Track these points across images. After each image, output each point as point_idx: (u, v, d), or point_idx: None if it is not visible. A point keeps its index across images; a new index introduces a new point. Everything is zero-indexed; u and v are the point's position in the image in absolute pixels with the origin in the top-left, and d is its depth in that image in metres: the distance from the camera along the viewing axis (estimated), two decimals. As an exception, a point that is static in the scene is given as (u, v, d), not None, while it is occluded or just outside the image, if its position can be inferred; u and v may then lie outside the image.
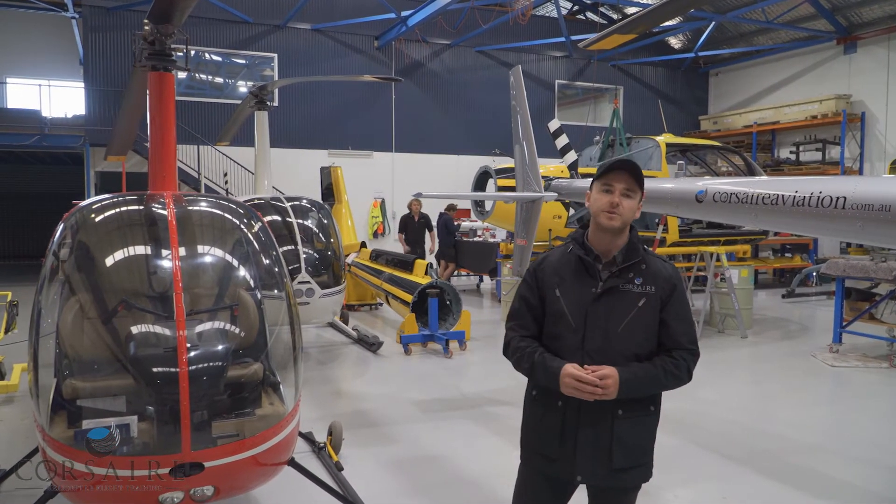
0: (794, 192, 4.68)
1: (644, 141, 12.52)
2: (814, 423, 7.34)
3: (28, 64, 22.08)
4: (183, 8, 4.61)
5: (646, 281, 2.94)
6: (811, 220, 4.56)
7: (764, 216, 4.93)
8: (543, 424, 3.01)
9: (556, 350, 2.96)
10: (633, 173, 2.93)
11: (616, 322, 2.90)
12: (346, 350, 10.80)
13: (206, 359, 3.83)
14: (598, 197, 2.94)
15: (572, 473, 2.94)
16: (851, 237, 4.53)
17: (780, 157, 21.81)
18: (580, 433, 2.91)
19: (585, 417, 2.90)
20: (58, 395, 3.90)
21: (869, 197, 4.19)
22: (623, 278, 2.93)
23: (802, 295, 17.02)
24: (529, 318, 3.06)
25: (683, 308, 3.00)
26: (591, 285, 2.94)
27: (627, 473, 2.95)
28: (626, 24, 5.89)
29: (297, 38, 19.65)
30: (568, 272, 3.00)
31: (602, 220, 2.91)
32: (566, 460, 2.94)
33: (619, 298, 2.92)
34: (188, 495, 3.58)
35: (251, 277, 4.63)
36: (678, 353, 2.93)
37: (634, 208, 2.94)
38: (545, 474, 3.07)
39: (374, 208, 20.61)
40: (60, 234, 4.25)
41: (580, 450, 2.91)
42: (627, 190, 2.91)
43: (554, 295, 2.99)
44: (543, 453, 3.03)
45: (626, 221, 2.92)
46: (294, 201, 9.56)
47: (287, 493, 5.20)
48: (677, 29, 22.55)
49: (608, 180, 2.93)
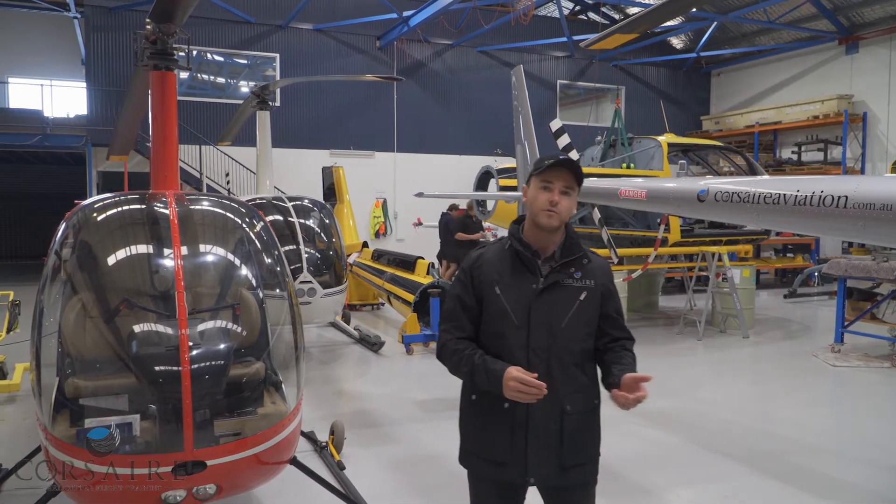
0: (795, 191, 4.68)
1: (646, 141, 12.51)
2: (815, 423, 7.34)
3: (30, 64, 22.10)
4: (185, 7, 4.61)
5: (585, 275, 2.91)
6: (813, 220, 4.56)
7: (766, 216, 4.92)
8: (490, 429, 2.94)
9: (499, 349, 2.87)
10: (573, 171, 2.88)
11: (559, 317, 2.87)
12: (347, 350, 10.80)
13: (208, 357, 3.84)
14: (537, 194, 2.88)
15: (524, 475, 2.88)
16: (853, 236, 4.53)
17: (781, 157, 21.78)
18: (530, 434, 2.85)
19: (535, 417, 2.84)
20: (60, 394, 3.91)
21: (870, 196, 4.19)
22: (564, 273, 2.90)
23: (804, 295, 17.01)
24: (465, 319, 2.96)
25: (618, 300, 3.06)
26: (532, 281, 2.88)
27: (578, 470, 2.93)
28: (628, 24, 5.89)
29: (299, 38, 19.65)
30: (506, 269, 2.92)
31: (541, 219, 2.86)
32: (517, 463, 2.87)
33: (560, 293, 2.88)
34: (190, 494, 3.59)
35: (253, 277, 4.64)
36: (629, 344, 2.98)
37: (573, 206, 2.91)
38: (495, 480, 2.99)
39: (375, 208, 20.61)
40: (62, 234, 4.26)
41: (531, 450, 2.85)
42: (567, 188, 2.86)
43: (493, 293, 2.91)
44: (492, 459, 2.94)
45: (564, 220, 2.88)
46: (296, 201, 9.58)
47: (290, 492, 5.20)
48: (679, 29, 22.53)
49: (548, 177, 2.86)
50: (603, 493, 5.25)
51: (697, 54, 23.13)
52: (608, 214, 12.44)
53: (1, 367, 8.28)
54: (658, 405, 7.81)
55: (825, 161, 20.39)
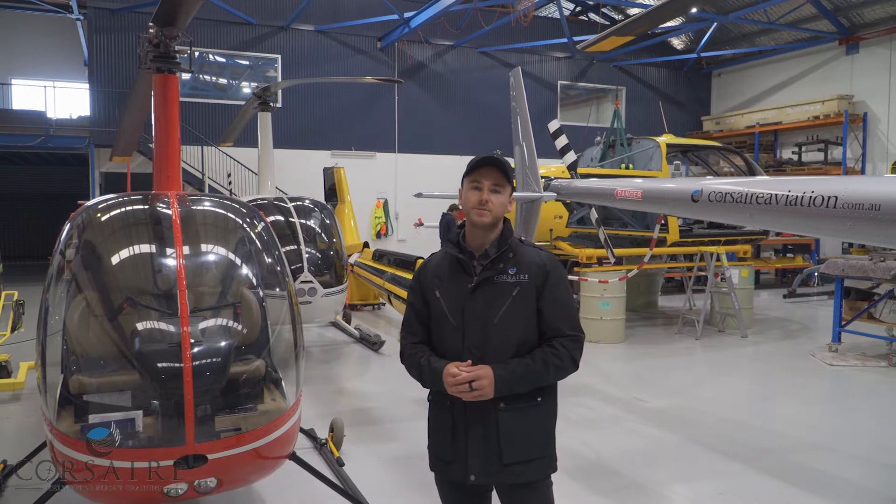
0: (787, 191, 4.75)
1: (645, 141, 12.59)
2: (812, 422, 7.41)
3: (33, 65, 22.21)
4: (187, 11, 4.70)
5: (519, 270, 2.93)
6: (804, 220, 4.63)
7: (758, 215, 5.00)
8: (438, 428, 3.03)
9: (442, 351, 2.98)
10: (500, 169, 2.94)
11: (492, 314, 2.91)
12: (348, 349, 10.89)
13: (209, 354, 3.92)
14: (468, 194, 2.96)
15: (465, 473, 2.92)
16: (842, 236, 4.60)
17: (782, 157, 21.84)
18: (469, 431, 2.90)
19: (472, 415, 2.90)
20: (65, 390, 4.00)
21: (859, 196, 4.26)
22: (495, 270, 2.93)
23: (804, 295, 17.06)
24: (417, 324, 3.07)
25: (560, 293, 2.98)
26: (467, 281, 2.95)
27: (521, 468, 2.92)
28: (624, 27, 5.97)
29: (301, 39, 19.74)
30: (445, 272, 3.02)
31: (473, 217, 2.94)
32: (459, 461, 2.93)
33: (493, 290, 2.92)
34: (192, 487, 3.67)
35: (254, 276, 4.72)
36: (558, 342, 2.92)
37: (505, 203, 2.96)
38: (447, 479, 3.06)
39: (377, 209, 20.69)
40: (67, 234, 4.35)
41: (471, 448, 2.90)
42: (496, 185, 2.92)
43: (434, 296, 3.01)
44: (441, 457, 3.02)
45: (497, 216, 2.95)
46: (297, 202, 9.67)
47: (290, 488, 5.29)
48: (680, 30, 22.59)
49: (476, 177, 2.94)
50: (598, 489, 5.41)
51: (698, 55, 23.19)
52: (608, 215, 12.54)
53: (6, 366, 8.36)
54: (657, 404, 7.91)
55: (826, 161, 20.44)
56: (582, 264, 11.37)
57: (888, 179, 4.32)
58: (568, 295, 3.03)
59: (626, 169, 12.26)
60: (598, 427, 6.98)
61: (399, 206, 20.62)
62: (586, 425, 7.06)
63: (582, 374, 3.19)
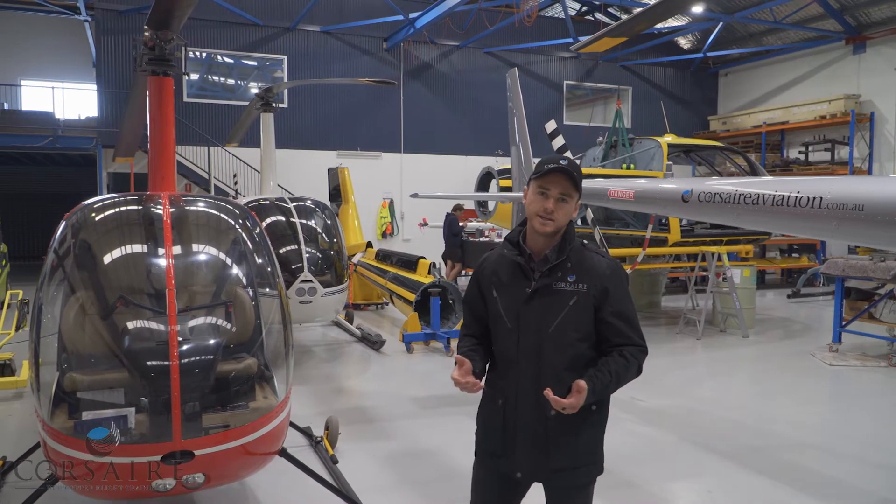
0: (773, 192, 4.78)
1: (646, 141, 12.60)
2: (808, 421, 7.39)
3: (42, 66, 22.41)
4: (180, 15, 4.78)
5: (579, 278, 2.87)
6: (789, 220, 4.66)
7: (745, 215, 5.02)
8: (488, 422, 3.05)
9: (498, 350, 2.99)
10: (570, 178, 2.86)
11: (548, 322, 2.86)
12: (349, 348, 10.96)
13: (196, 352, 3.99)
14: (534, 199, 2.89)
15: (513, 469, 2.95)
16: (828, 236, 4.62)
17: (789, 157, 21.79)
18: (519, 434, 2.92)
19: (521, 416, 2.91)
20: (57, 388, 4.07)
21: (843, 197, 4.29)
22: (554, 277, 2.88)
23: (808, 295, 17.01)
24: (471, 318, 3.09)
25: (623, 304, 2.91)
26: (525, 286, 2.90)
27: (569, 473, 2.93)
28: (617, 28, 6.01)
29: (306, 40, 19.85)
30: (505, 273, 2.98)
31: (536, 225, 2.88)
32: (508, 456, 2.95)
33: (551, 298, 2.87)
34: (180, 482, 3.74)
35: (243, 275, 4.80)
36: (628, 351, 2.86)
37: (570, 212, 2.89)
38: (495, 470, 3.07)
39: (382, 209, 20.78)
40: (61, 233, 4.44)
41: (519, 449, 2.92)
42: (563, 195, 2.85)
43: (492, 296, 2.98)
44: (490, 450, 3.04)
45: (560, 226, 2.88)
46: (298, 202, 9.75)
47: (283, 485, 5.35)
48: (686, 29, 22.57)
49: (545, 183, 2.86)
50: (587, 486, 5.42)
51: (704, 54, 23.15)
52: (609, 215, 12.55)
53: (9, 364, 8.48)
54: (653, 403, 7.93)
55: (832, 161, 20.37)
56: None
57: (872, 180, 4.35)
58: (630, 305, 2.95)
59: (627, 169, 12.27)
60: (592, 426, 7.00)
61: (404, 207, 20.69)
62: None
63: None
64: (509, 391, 2.94)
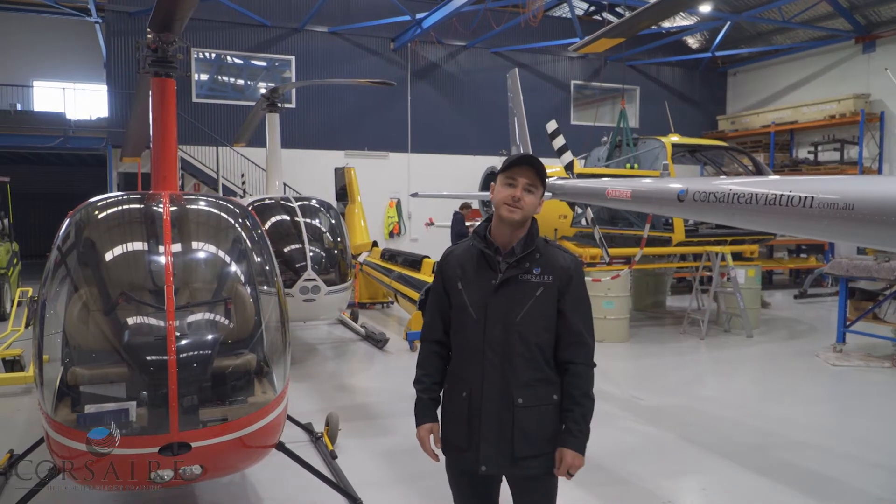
0: (766, 191, 4.82)
1: (650, 141, 12.63)
2: (807, 421, 7.40)
3: (54, 67, 22.66)
4: (181, 17, 4.87)
5: (544, 271, 2.98)
6: (781, 219, 4.70)
7: (739, 215, 5.07)
8: (452, 414, 3.08)
9: (461, 342, 3.07)
10: (536, 169, 2.99)
11: (514, 312, 2.95)
12: (353, 346, 11.06)
13: (193, 347, 4.08)
14: (501, 189, 2.98)
15: (476, 463, 2.98)
16: (818, 235, 4.66)
17: (798, 157, 21.70)
18: (484, 424, 2.96)
19: (487, 407, 2.96)
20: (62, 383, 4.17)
21: (834, 196, 4.33)
22: (521, 269, 2.98)
23: (815, 296, 16.96)
24: (437, 316, 3.16)
25: (580, 297, 3.05)
26: (492, 277, 2.99)
27: (531, 461, 2.98)
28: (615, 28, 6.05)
29: (314, 40, 19.96)
30: (470, 265, 3.06)
31: (503, 213, 2.97)
32: (472, 450, 2.99)
33: (517, 289, 2.97)
34: (177, 473, 3.83)
35: (242, 273, 4.89)
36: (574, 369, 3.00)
37: (536, 203, 3.00)
38: (459, 467, 3.13)
39: (389, 208, 20.87)
40: (64, 231, 4.54)
41: (483, 439, 2.96)
42: (530, 185, 2.97)
43: (456, 288, 3.06)
44: (453, 443, 3.08)
45: (527, 215, 2.99)
46: (302, 201, 9.84)
47: (282, 480, 5.44)
48: (694, 29, 22.54)
49: (512, 174, 2.98)
50: (582, 483, 5.50)
51: (713, 54, 23.08)
52: (614, 215, 12.59)
53: (19, 360, 8.63)
54: (653, 402, 7.98)
55: (842, 161, 20.27)
56: (586, 264, 11.43)
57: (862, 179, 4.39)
58: (587, 299, 3.10)
59: (630, 169, 12.30)
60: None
61: (412, 206, 20.76)
62: None
63: None
64: (474, 382, 3.00)
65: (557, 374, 3.04)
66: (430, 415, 3.15)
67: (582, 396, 3.00)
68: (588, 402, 3.01)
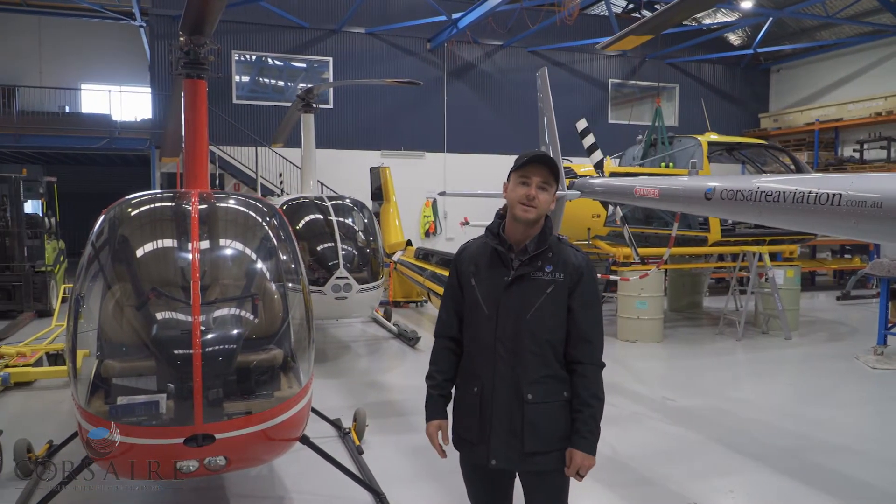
0: (794, 189, 4.75)
1: (686, 140, 12.47)
2: (843, 424, 7.25)
3: (101, 71, 23.26)
4: (211, 20, 5.00)
5: (556, 268, 3.01)
6: (809, 217, 4.63)
7: (767, 213, 4.99)
8: (463, 408, 3.12)
9: (472, 337, 3.11)
10: (549, 167, 3.01)
11: (526, 309, 2.98)
12: (386, 344, 11.16)
13: (217, 342, 4.19)
14: (515, 188, 3.02)
15: (487, 457, 3.02)
16: (847, 233, 4.56)
17: (843, 155, 21.17)
18: (494, 418, 3.00)
19: (499, 403, 3.00)
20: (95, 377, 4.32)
21: (862, 193, 4.25)
22: (533, 266, 3.01)
23: (859, 297, 16.54)
24: (452, 312, 3.20)
25: (590, 295, 3.06)
26: (504, 274, 3.03)
27: (541, 457, 3.01)
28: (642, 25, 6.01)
29: (352, 41, 20.14)
30: (483, 262, 3.11)
31: (517, 212, 3.00)
32: (482, 444, 3.03)
33: (529, 286, 3.00)
34: (202, 464, 3.94)
35: (267, 269, 4.99)
36: (581, 369, 3.02)
37: (549, 201, 3.02)
38: (471, 461, 3.16)
39: (426, 208, 20.94)
40: (98, 227, 4.70)
41: (494, 434, 3.00)
42: (543, 183, 2.99)
43: (470, 284, 3.11)
44: (464, 437, 3.12)
45: (541, 214, 3.02)
46: (336, 200, 9.97)
47: (309, 474, 5.54)
48: (735, 25, 22.16)
49: (526, 173, 3.00)
50: (607, 482, 5.49)
51: (755, 50, 22.65)
52: (648, 214, 12.47)
53: (62, 355, 8.91)
54: (684, 403, 7.89)
55: (888, 159, 19.71)
56: (619, 263, 11.35)
57: (890, 177, 4.29)
58: (597, 298, 3.12)
59: (666, 168, 12.16)
60: (618, 424, 6.97)
61: (447, 206, 20.82)
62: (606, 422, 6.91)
63: (611, 372, 3.31)
64: (486, 377, 3.04)
65: (568, 372, 3.07)
66: (440, 411, 3.20)
67: (591, 397, 3.02)
68: (597, 403, 3.03)
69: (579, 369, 3.03)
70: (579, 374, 3.03)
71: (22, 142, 18.58)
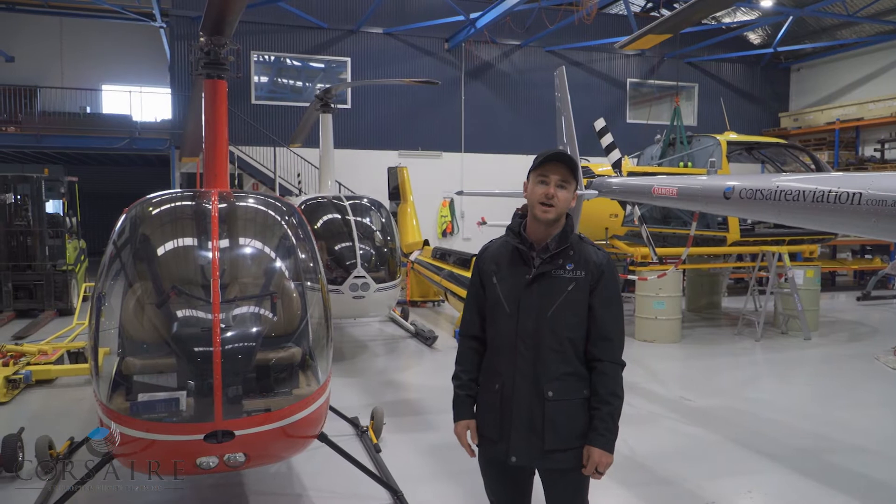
0: (814, 188, 4.72)
1: (705, 139, 12.40)
2: (862, 425, 7.19)
3: (122, 71, 23.49)
4: (231, 21, 5.05)
5: (577, 266, 3.02)
6: (828, 216, 4.60)
7: (786, 212, 4.97)
8: (485, 405, 3.16)
9: (493, 334, 3.14)
10: (568, 165, 3.03)
11: (546, 307, 3.00)
12: (403, 343, 11.19)
13: (237, 339, 4.23)
14: (534, 188, 3.04)
15: (507, 454, 3.05)
16: (867, 233, 4.53)
17: (864, 154, 20.96)
18: (515, 415, 3.02)
19: (519, 399, 3.02)
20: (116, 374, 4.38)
21: (882, 193, 4.22)
22: (554, 264, 3.03)
23: (880, 298, 16.31)
24: (475, 311, 3.24)
25: (611, 293, 3.06)
26: (525, 272, 3.05)
27: (561, 455, 3.02)
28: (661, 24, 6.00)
29: (370, 41, 20.21)
30: (504, 260, 3.13)
31: (537, 213, 3.03)
32: (503, 441, 3.05)
33: (550, 284, 3.02)
34: (222, 461, 3.98)
35: (286, 268, 5.04)
36: (601, 367, 3.02)
37: (569, 199, 3.04)
38: (490, 457, 3.18)
39: (443, 207, 20.97)
40: (120, 226, 4.77)
41: (514, 431, 3.02)
42: (562, 181, 3.01)
43: (492, 283, 3.13)
44: (485, 434, 3.15)
45: (561, 212, 3.03)
46: (353, 200, 10.01)
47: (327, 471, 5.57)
48: (755, 24, 21.99)
49: (544, 171, 3.02)
50: (624, 481, 5.48)
51: (775, 49, 22.46)
52: (667, 213, 12.41)
53: (83, 353, 9.02)
54: (702, 403, 7.86)
55: (910, 159, 19.53)
56: (637, 263, 11.30)
57: (912, 175, 4.25)
58: (618, 296, 3.12)
59: (684, 167, 12.10)
60: (635, 423, 6.95)
61: (465, 205, 20.83)
62: (624, 421, 6.95)
63: (629, 372, 3.29)
64: (507, 374, 3.06)
65: (588, 370, 3.08)
66: (467, 411, 3.23)
67: (609, 395, 3.02)
68: (616, 401, 3.03)
69: (599, 367, 3.04)
70: (599, 371, 3.04)
71: (43, 142, 18.81)
